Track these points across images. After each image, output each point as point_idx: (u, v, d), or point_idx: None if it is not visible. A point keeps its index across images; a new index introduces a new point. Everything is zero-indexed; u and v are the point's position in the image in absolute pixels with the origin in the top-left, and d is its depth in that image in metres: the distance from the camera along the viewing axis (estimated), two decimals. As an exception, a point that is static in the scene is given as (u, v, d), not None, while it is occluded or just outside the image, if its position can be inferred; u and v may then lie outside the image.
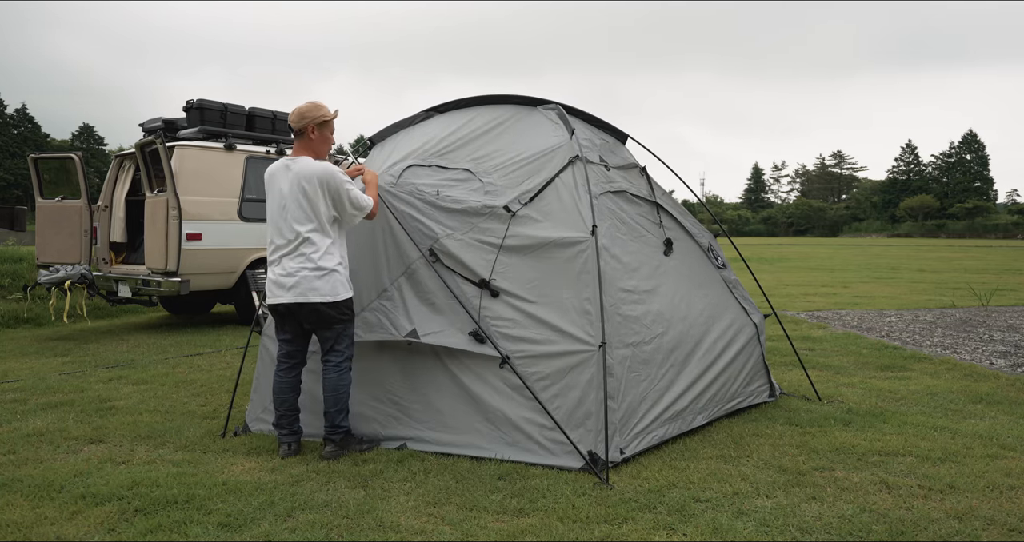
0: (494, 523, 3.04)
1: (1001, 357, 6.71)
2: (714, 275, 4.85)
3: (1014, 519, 3.07)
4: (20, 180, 54.64)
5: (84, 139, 67.35)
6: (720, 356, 4.54)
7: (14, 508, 3.22)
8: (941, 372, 6.03)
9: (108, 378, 6.01)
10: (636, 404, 3.86)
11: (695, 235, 4.86)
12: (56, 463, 3.83)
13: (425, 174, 4.26)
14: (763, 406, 4.86)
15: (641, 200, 4.55)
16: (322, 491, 3.39)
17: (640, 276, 4.21)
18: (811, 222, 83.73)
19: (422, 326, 3.91)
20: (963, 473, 3.60)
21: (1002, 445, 4.05)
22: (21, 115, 63.25)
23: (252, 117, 9.47)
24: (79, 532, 2.98)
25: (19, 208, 10.58)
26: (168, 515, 3.11)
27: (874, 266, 21.57)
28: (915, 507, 3.20)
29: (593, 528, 2.98)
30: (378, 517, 3.09)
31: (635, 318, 4.04)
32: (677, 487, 3.42)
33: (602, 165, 4.43)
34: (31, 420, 4.68)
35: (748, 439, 4.16)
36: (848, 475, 3.59)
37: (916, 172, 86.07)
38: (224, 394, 5.33)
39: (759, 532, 2.95)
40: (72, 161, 9.01)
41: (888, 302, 11.53)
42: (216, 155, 8.63)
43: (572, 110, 4.68)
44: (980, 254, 29.89)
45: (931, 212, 76.54)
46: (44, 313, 9.44)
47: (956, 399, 5.12)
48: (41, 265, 9.07)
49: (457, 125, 4.50)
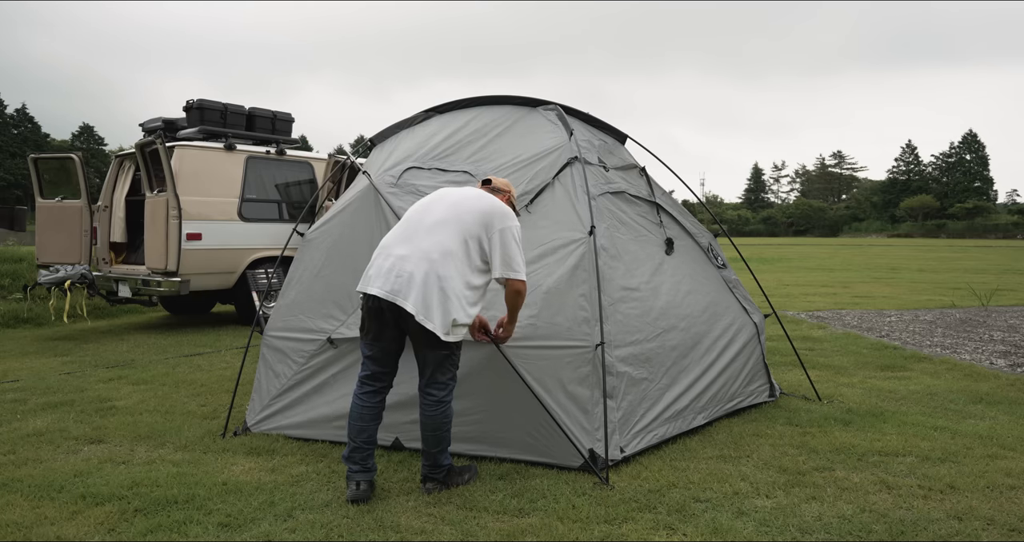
0: (494, 523, 3.04)
1: (1001, 357, 6.71)
2: (714, 275, 4.85)
3: (1014, 519, 3.07)
4: (20, 180, 54.62)
5: (84, 139, 67.32)
6: (720, 356, 4.54)
7: (14, 508, 3.22)
8: (941, 372, 6.03)
9: (108, 378, 6.01)
10: (636, 403, 3.86)
11: (695, 235, 4.86)
12: (56, 463, 3.83)
13: (425, 176, 4.27)
14: (763, 406, 4.86)
15: (640, 200, 4.56)
16: (322, 491, 3.39)
17: (640, 276, 4.21)
18: (811, 222, 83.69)
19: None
20: (963, 473, 3.60)
21: (1002, 445, 4.05)
22: (21, 115, 63.23)
23: (252, 117, 9.48)
24: (79, 532, 2.98)
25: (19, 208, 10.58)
26: (168, 515, 3.11)
27: (874, 266, 21.57)
28: (915, 507, 3.20)
29: (593, 528, 2.98)
30: (378, 517, 3.09)
31: (635, 317, 4.04)
32: (677, 487, 3.42)
33: (600, 166, 4.43)
34: (31, 420, 4.68)
35: (748, 439, 4.16)
36: (848, 475, 3.59)
37: (916, 172, 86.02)
38: (224, 394, 5.33)
39: (759, 532, 2.95)
40: (72, 161, 9.00)
41: (888, 302, 11.53)
42: (216, 155, 8.63)
43: (571, 111, 4.69)
44: (980, 254, 29.89)
45: (931, 212, 76.50)
46: (44, 313, 9.44)
47: (956, 399, 5.12)
48: (41, 265, 9.07)
49: (457, 126, 4.51)
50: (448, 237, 3.28)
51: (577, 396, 3.67)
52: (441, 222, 3.33)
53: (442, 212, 3.37)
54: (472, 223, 3.31)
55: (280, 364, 4.32)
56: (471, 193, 3.49)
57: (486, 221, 3.32)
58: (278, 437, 4.17)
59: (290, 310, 4.35)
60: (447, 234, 3.29)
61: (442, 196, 3.50)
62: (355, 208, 4.32)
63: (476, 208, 3.36)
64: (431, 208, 3.43)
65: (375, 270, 3.32)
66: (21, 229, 10.99)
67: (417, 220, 3.40)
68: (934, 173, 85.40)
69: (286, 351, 4.30)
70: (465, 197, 3.44)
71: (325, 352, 4.16)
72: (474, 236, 3.30)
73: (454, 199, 3.44)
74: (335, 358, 4.14)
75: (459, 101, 4.67)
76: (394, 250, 3.32)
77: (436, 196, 3.53)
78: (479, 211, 3.35)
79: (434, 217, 3.36)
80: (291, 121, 9.90)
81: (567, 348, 3.73)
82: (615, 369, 3.77)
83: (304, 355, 4.23)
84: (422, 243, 3.28)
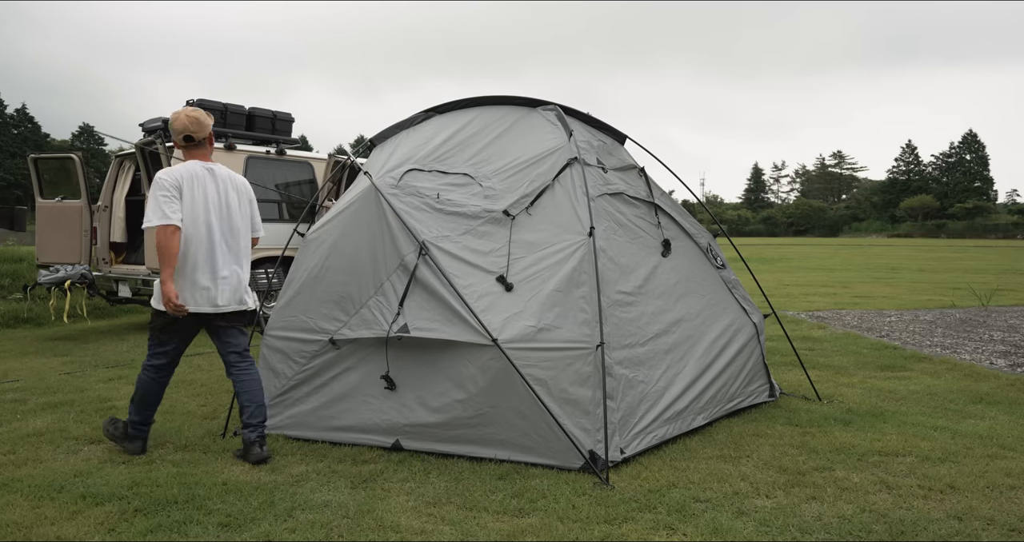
0: (494, 523, 3.04)
1: (1001, 357, 6.71)
2: (713, 275, 4.85)
3: (1014, 519, 3.07)
4: (20, 180, 54.62)
5: (84, 139, 67.31)
6: (719, 356, 4.54)
7: (14, 508, 3.22)
8: (941, 372, 6.03)
9: (108, 378, 6.02)
10: (635, 404, 3.86)
11: (694, 235, 4.86)
12: (56, 463, 3.83)
13: (426, 178, 4.27)
14: (763, 406, 4.86)
15: (639, 201, 4.56)
16: (322, 491, 3.39)
17: (637, 277, 4.21)
18: (811, 222, 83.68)
19: (414, 321, 3.91)
20: (963, 473, 3.60)
21: (1002, 445, 4.05)
22: (21, 115, 63.23)
23: (252, 117, 9.47)
24: (79, 532, 2.98)
25: (19, 208, 10.58)
26: (168, 515, 3.12)
27: (874, 266, 21.57)
28: (915, 507, 3.20)
29: (593, 528, 2.98)
30: (378, 517, 3.09)
31: (633, 319, 4.04)
32: (677, 487, 3.42)
33: (599, 167, 4.43)
34: (31, 420, 4.68)
35: (748, 439, 4.16)
36: (848, 475, 3.59)
37: (916, 172, 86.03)
38: (224, 394, 5.33)
39: (759, 532, 2.95)
40: (72, 161, 9.00)
41: (888, 302, 11.53)
42: (216, 155, 8.60)
43: (570, 111, 4.69)
44: (980, 254, 29.89)
45: (931, 212, 76.50)
46: (44, 313, 9.44)
47: (956, 399, 5.12)
48: (41, 265, 9.07)
49: (456, 127, 4.51)
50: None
51: (578, 397, 3.67)
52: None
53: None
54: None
55: (281, 364, 4.32)
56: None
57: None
58: (278, 437, 4.17)
59: (290, 310, 4.35)
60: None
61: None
62: (356, 209, 4.32)
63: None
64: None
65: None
66: (21, 229, 10.99)
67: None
68: (934, 173, 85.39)
69: (287, 351, 4.30)
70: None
71: (327, 353, 4.16)
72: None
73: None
74: (337, 359, 4.14)
75: (458, 101, 4.67)
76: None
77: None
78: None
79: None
80: (291, 121, 9.90)
81: (568, 349, 3.73)
82: (613, 371, 3.77)
83: (306, 356, 4.23)
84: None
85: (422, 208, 4.16)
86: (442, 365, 3.89)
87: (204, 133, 3.98)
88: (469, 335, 3.75)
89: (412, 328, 3.88)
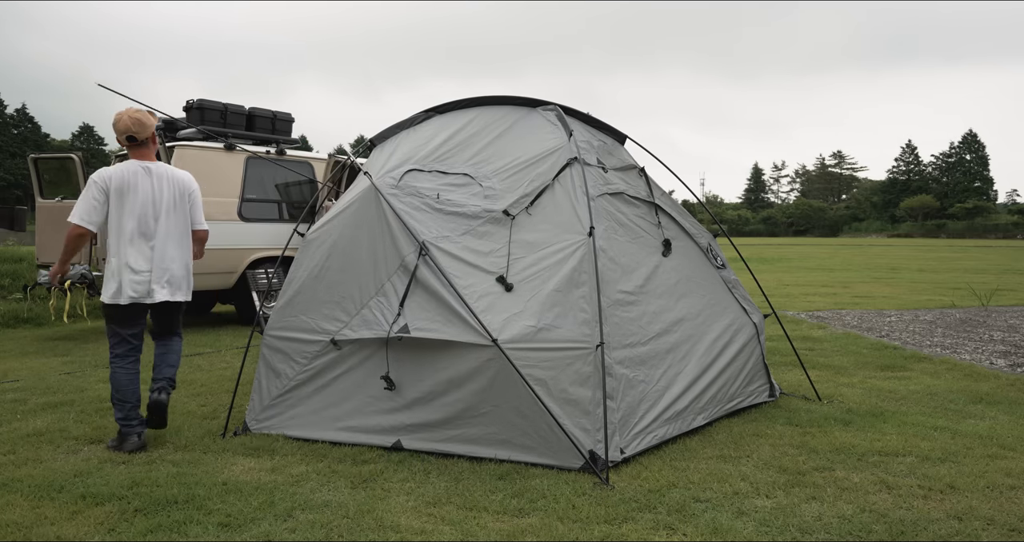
0: (494, 523, 3.04)
1: (1001, 357, 6.71)
2: (713, 275, 4.85)
3: (1014, 519, 3.07)
4: (20, 180, 54.59)
5: (84, 139, 67.31)
6: (720, 356, 4.54)
7: (14, 508, 3.22)
8: (941, 372, 6.03)
9: (108, 378, 6.00)
10: (635, 404, 3.86)
11: (694, 235, 4.86)
12: (56, 463, 3.83)
13: (426, 178, 4.28)
14: (763, 406, 4.86)
15: (639, 201, 4.56)
16: (322, 491, 3.40)
17: (639, 277, 4.21)
18: (811, 222, 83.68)
19: (415, 322, 3.91)
20: (963, 473, 3.60)
21: (1002, 445, 4.05)
22: (21, 115, 63.22)
23: (252, 117, 9.47)
24: (79, 532, 2.98)
25: (19, 208, 10.55)
26: (168, 515, 3.12)
27: (874, 266, 21.57)
28: (915, 507, 3.20)
29: (593, 528, 2.98)
30: (378, 517, 3.09)
31: (634, 318, 4.04)
32: (677, 487, 3.42)
33: (599, 167, 4.44)
34: (31, 420, 4.68)
35: (748, 439, 4.16)
36: (848, 475, 3.59)
37: (916, 172, 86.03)
38: (224, 394, 5.33)
39: (759, 532, 2.96)
40: (72, 161, 9.00)
41: (888, 302, 11.53)
42: (216, 155, 8.63)
43: (570, 111, 4.69)
44: (980, 254, 29.89)
45: (931, 212, 76.50)
46: (44, 313, 9.44)
47: (956, 399, 5.12)
48: (41, 265, 9.07)
49: (456, 128, 4.51)
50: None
51: (578, 397, 3.67)
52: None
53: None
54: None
55: (282, 364, 4.32)
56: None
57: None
58: (278, 437, 4.17)
59: (291, 310, 4.35)
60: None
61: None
62: (356, 209, 4.32)
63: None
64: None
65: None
66: (21, 229, 10.98)
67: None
68: (934, 173, 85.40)
69: (287, 351, 4.30)
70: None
71: (328, 353, 4.16)
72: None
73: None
74: (339, 360, 4.14)
75: (458, 101, 4.67)
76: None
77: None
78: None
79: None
80: (291, 121, 9.90)
81: (568, 349, 3.73)
82: (614, 371, 3.77)
83: (307, 356, 4.23)
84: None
85: (422, 208, 4.16)
86: (442, 365, 3.89)
87: (146, 133, 4.15)
88: (469, 335, 3.76)
89: (412, 328, 3.88)
